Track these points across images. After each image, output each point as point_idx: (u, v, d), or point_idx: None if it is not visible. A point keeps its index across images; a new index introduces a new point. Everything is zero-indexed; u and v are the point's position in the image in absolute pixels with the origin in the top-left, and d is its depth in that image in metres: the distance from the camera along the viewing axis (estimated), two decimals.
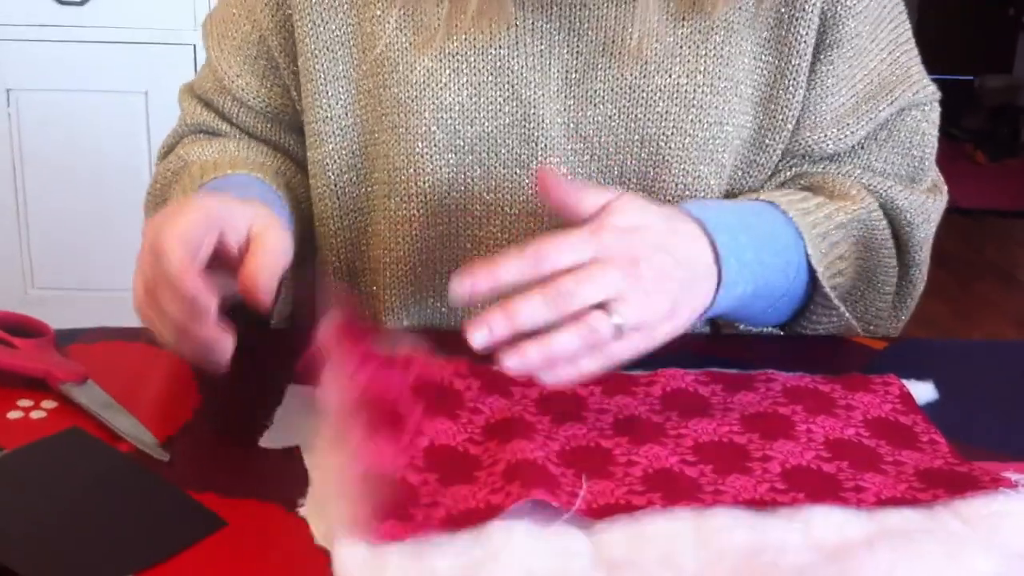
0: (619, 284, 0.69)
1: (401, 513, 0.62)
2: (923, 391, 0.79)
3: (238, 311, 0.88)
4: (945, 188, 0.99)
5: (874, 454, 0.71)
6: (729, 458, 0.69)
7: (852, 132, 0.93)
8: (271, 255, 0.72)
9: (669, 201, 0.89)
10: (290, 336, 0.95)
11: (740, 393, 0.77)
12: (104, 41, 2.31)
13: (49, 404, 0.76)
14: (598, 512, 0.63)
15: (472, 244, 0.93)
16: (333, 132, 0.93)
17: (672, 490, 0.65)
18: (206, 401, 0.77)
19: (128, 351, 0.85)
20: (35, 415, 0.75)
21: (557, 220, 0.90)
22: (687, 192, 0.90)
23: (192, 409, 0.76)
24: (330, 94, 0.93)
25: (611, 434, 0.72)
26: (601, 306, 0.68)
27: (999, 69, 4.93)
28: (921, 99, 0.96)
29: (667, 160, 0.89)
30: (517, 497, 0.63)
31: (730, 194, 0.93)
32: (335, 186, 0.95)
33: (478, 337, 0.66)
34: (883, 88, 0.93)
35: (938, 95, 0.97)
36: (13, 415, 0.75)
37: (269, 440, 0.72)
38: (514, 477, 0.65)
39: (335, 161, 0.94)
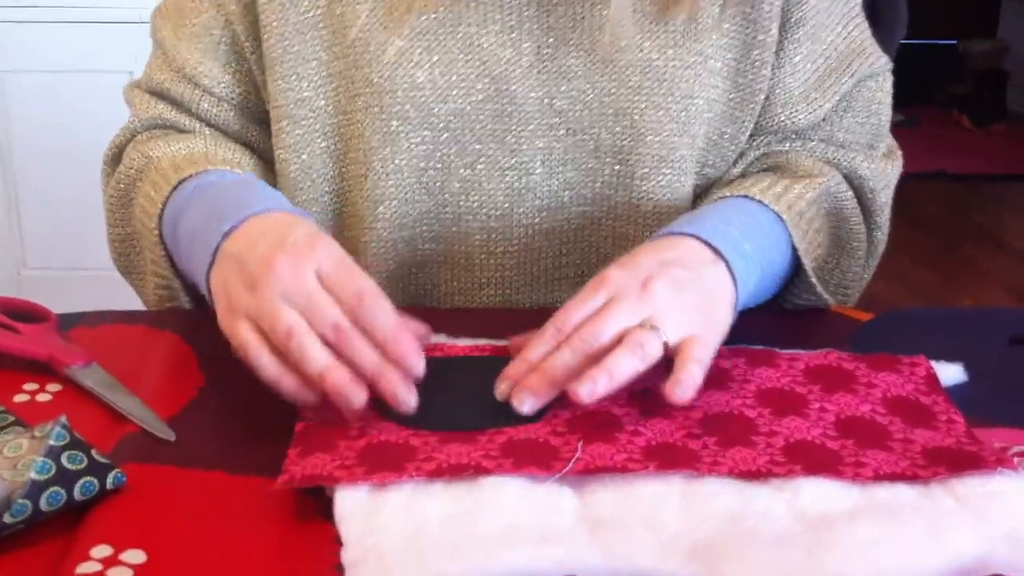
0: (641, 308, 0.73)
1: (394, 465, 0.65)
2: (951, 373, 0.80)
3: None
4: (900, 153, 1.03)
5: (884, 431, 0.71)
6: (735, 431, 0.70)
7: (820, 106, 0.96)
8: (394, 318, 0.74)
9: (646, 174, 0.92)
10: None
11: (761, 368, 0.78)
12: (88, 21, 2.31)
13: (54, 387, 0.78)
14: (593, 471, 0.65)
15: (451, 219, 0.94)
16: (305, 114, 0.93)
17: (669, 459, 0.67)
18: (209, 380, 0.79)
19: (129, 334, 0.86)
20: (41, 398, 0.77)
21: (539, 196, 0.92)
22: (662, 164, 0.92)
23: (196, 388, 0.78)
24: (301, 76, 0.92)
25: (624, 403, 0.73)
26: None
27: (983, 33, 4.93)
28: (876, 70, 1.00)
29: (641, 133, 0.91)
30: (507, 471, 0.65)
31: (702, 165, 0.96)
32: (309, 168, 0.94)
33: (528, 405, 0.70)
34: (842, 62, 0.97)
35: (890, 65, 1.01)
36: (19, 398, 0.76)
37: None
38: (510, 453, 0.67)
39: (308, 143, 0.94)
